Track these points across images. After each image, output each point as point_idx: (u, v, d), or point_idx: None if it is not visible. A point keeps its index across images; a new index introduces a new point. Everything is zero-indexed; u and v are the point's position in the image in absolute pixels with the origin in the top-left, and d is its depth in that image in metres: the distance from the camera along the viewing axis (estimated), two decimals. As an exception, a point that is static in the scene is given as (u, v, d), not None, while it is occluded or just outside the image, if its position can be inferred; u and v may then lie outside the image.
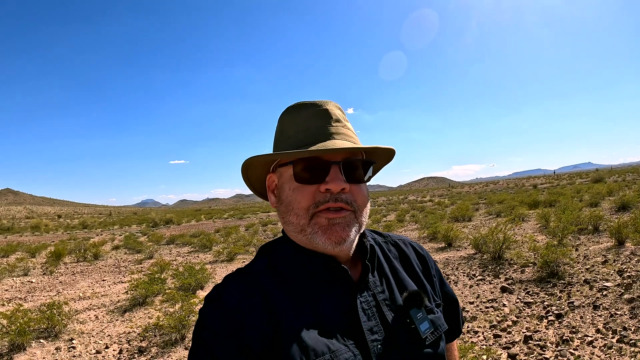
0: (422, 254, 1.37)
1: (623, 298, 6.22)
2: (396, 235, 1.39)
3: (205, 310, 1.05)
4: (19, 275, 14.93)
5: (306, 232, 1.08)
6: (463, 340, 5.67)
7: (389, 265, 1.24)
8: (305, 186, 1.09)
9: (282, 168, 1.15)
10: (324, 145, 1.07)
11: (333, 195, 1.07)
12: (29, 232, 46.92)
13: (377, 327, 1.06)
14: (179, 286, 9.83)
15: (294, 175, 1.10)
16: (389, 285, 1.18)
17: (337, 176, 1.06)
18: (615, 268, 7.64)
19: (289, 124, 1.17)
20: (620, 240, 9.33)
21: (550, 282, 7.46)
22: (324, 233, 1.06)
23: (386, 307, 1.12)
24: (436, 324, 1.15)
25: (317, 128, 1.13)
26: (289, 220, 1.11)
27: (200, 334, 1.02)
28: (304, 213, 1.08)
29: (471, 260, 10.20)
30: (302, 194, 1.08)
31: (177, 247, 21.69)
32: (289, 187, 1.12)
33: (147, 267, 14.02)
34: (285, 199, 1.13)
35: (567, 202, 19.15)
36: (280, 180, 1.16)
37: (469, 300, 7.32)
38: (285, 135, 1.17)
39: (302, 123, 1.14)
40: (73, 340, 7.01)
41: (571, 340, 5.28)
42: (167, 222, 47.82)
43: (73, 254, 19.27)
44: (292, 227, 1.11)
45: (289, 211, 1.11)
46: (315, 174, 1.08)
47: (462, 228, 16.98)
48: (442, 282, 1.38)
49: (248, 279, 1.11)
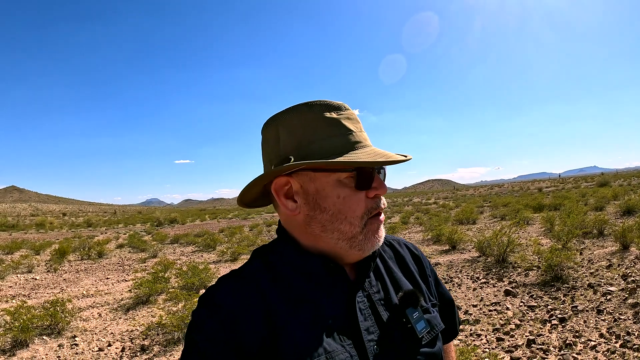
0: (416, 254, 1.36)
1: (627, 303, 6.19)
2: (391, 236, 1.38)
3: (199, 312, 1.03)
4: (23, 272, 15.00)
5: (357, 240, 1.06)
6: (466, 343, 5.66)
7: (384, 265, 1.24)
8: (359, 193, 1.06)
9: (316, 173, 1.06)
10: (375, 152, 1.05)
11: (381, 201, 1.09)
12: (33, 230, 47.10)
13: (373, 326, 1.05)
14: (182, 285, 9.87)
15: (356, 182, 1.05)
16: (385, 286, 1.17)
17: (381, 182, 1.09)
18: (620, 272, 7.60)
19: (317, 122, 1.07)
20: (624, 244, 9.28)
21: (554, 286, 7.43)
22: (374, 236, 1.08)
23: (382, 307, 1.11)
24: (432, 324, 1.14)
25: (353, 132, 1.08)
26: (338, 228, 1.06)
27: (193, 336, 0.99)
28: (358, 221, 1.05)
29: (475, 263, 10.17)
30: (356, 202, 1.05)
31: (181, 246, 21.73)
32: (337, 194, 1.05)
33: (151, 265, 14.05)
34: (332, 207, 1.05)
35: (572, 206, 19.05)
36: (313, 185, 1.07)
37: (472, 303, 7.30)
38: (315, 134, 1.07)
39: (335, 124, 1.07)
40: (76, 338, 7.04)
41: (574, 344, 5.25)
42: (171, 222, 47.93)
43: (77, 251, 19.37)
44: (340, 235, 1.06)
45: (338, 220, 1.05)
46: (367, 181, 1.06)
47: (467, 231, 16.95)
48: (437, 283, 1.37)
49: (243, 280, 1.08)
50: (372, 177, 1.06)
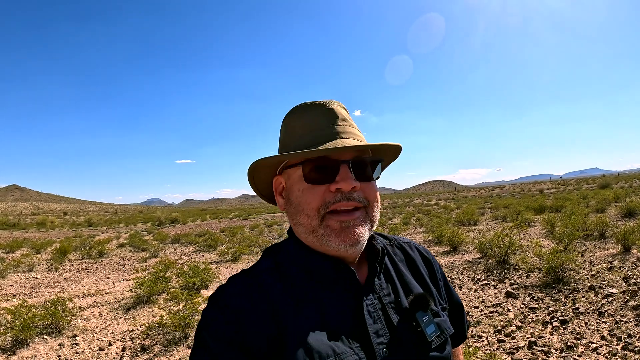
0: (427, 257, 1.36)
1: (628, 305, 6.17)
2: (401, 238, 1.38)
3: (208, 311, 1.04)
4: (24, 271, 15.02)
5: (318, 234, 1.07)
6: (467, 345, 5.65)
7: (395, 268, 1.24)
8: (315, 186, 1.08)
9: (290, 170, 1.14)
10: (333, 144, 1.06)
11: (345, 195, 1.06)
12: (34, 229, 47.17)
13: (382, 329, 1.05)
14: (183, 285, 9.87)
15: (303, 175, 1.09)
16: (395, 288, 1.17)
17: (347, 175, 1.06)
18: (621, 275, 7.58)
19: (295, 125, 1.16)
20: (626, 246, 9.26)
21: (556, 288, 7.41)
22: (337, 235, 1.05)
23: (392, 310, 1.11)
24: (442, 327, 1.14)
25: (324, 128, 1.12)
26: (300, 221, 1.10)
27: (203, 336, 1.00)
28: (314, 214, 1.07)
29: (476, 265, 10.15)
30: (312, 194, 1.08)
31: (182, 246, 21.75)
32: (298, 188, 1.11)
33: (151, 265, 14.05)
34: (295, 200, 1.12)
35: (574, 208, 19.04)
36: (289, 182, 1.15)
37: (474, 305, 7.29)
38: (292, 137, 1.16)
39: (308, 123, 1.13)
40: (76, 337, 7.04)
41: (575, 346, 5.24)
42: (172, 221, 47.95)
43: (78, 251, 19.39)
44: (303, 229, 1.10)
45: (299, 212, 1.10)
46: (324, 174, 1.07)
47: (468, 232, 16.93)
48: (447, 286, 1.37)
49: (253, 280, 1.09)
50: (325, 170, 1.07)
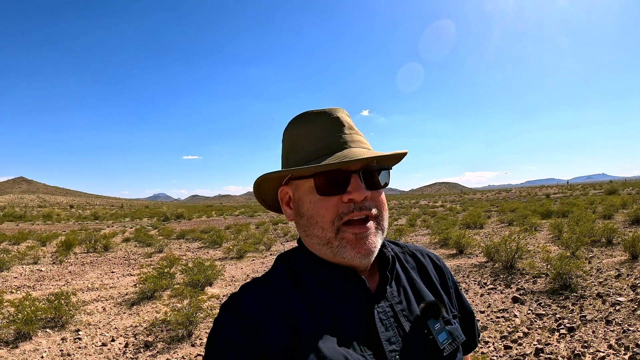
0: (439, 265, 1.36)
1: (636, 314, 6.11)
2: (413, 246, 1.38)
3: (221, 318, 1.03)
4: (29, 263, 15.12)
5: (332, 245, 1.06)
6: (474, 351, 5.60)
7: (406, 275, 1.23)
8: (328, 198, 1.07)
9: (298, 181, 1.13)
10: (343, 154, 1.06)
11: (357, 205, 1.06)
12: (40, 221, 47.51)
13: (394, 337, 1.05)
14: (187, 282, 9.84)
15: (315, 187, 1.08)
16: (407, 296, 1.17)
17: (358, 185, 1.05)
18: (629, 283, 7.50)
19: (300, 134, 1.16)
20: (634, 254, 9.16)
21: (563, 294, 7.34)
22: (352, 247, 1.05)
23: (404, 317, 1.11)
24: (454, 335, 1.15)
25: (332, 137, 1.11)
26: (313, 233, 1.09)
27: (216, 343, 1.00)
28: (329, 226, 1.06)
29: (482, 269, 10.09)
30: (325, 206, 1.07)
31: (187, 242, 21.79)
32: (309, 200, 1.10)
33: (156, 261, 14.06)
34: (306, 213, 1.11)
35: (581, 213, 18.91)
36: (297, 193, 1.15)
37: (480, 309, 7.23)
38: (298, 147, 1.15)
39: (315, 133, 1.13)
40: (79, 332, 7.05)
41: (583, 355, 5.18)
42: (178, 217, 48.08)
43: (83, 244, 19.48)
44: (317, 240, 1.09)
45: (312, 225, 1.09)
46: (336, 185, 1.06)
47: (474, 235, 16.84)
48: (458, 294, 1.36)
49: (267, 285, 1.10)
50: (337, 181, 1.06)
